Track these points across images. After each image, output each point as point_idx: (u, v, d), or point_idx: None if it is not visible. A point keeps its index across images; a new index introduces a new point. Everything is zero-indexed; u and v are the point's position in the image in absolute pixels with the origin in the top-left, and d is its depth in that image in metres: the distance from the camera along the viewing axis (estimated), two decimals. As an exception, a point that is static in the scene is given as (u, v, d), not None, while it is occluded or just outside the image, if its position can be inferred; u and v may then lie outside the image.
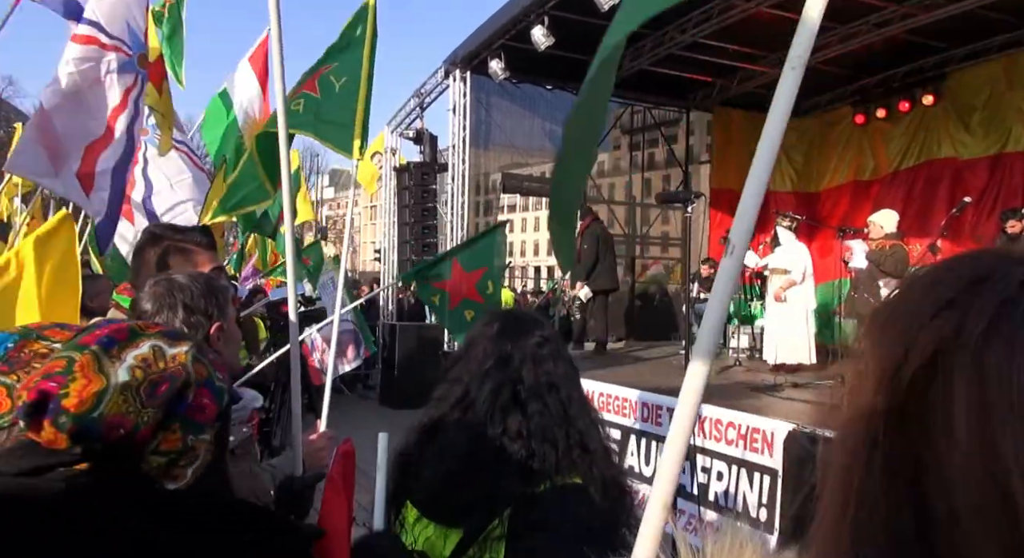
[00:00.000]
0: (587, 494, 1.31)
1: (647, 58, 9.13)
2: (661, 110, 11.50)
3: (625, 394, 5.77)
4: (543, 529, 1.27)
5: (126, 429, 0.72)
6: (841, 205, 10.15)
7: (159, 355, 0.77)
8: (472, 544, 1.30)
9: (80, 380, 0.71)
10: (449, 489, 1.34)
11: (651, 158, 12.07)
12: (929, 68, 9.02)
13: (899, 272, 6.05)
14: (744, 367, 7.68)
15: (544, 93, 10.45)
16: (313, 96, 3.77)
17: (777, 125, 1.00)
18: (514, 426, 1.36)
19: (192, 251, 1.92)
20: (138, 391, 0.73)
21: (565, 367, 1.43)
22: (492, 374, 1.39)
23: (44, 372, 0.72)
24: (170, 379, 0.76)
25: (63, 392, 0.70)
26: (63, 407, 0.70)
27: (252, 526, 0.80)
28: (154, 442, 0.74)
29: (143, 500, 0.74)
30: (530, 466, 1.32)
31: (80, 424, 0.69)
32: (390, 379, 10.29)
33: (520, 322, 1.49)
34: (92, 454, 0.71)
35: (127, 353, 0.75)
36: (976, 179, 8.56)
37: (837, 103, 10.33)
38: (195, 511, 0.77)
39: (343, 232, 5.90)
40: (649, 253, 11.97)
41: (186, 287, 1.52)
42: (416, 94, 11.23)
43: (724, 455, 4.81)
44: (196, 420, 0.78)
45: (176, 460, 0.76)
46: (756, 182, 1.01)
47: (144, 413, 0.73)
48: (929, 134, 9.21)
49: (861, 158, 10.08)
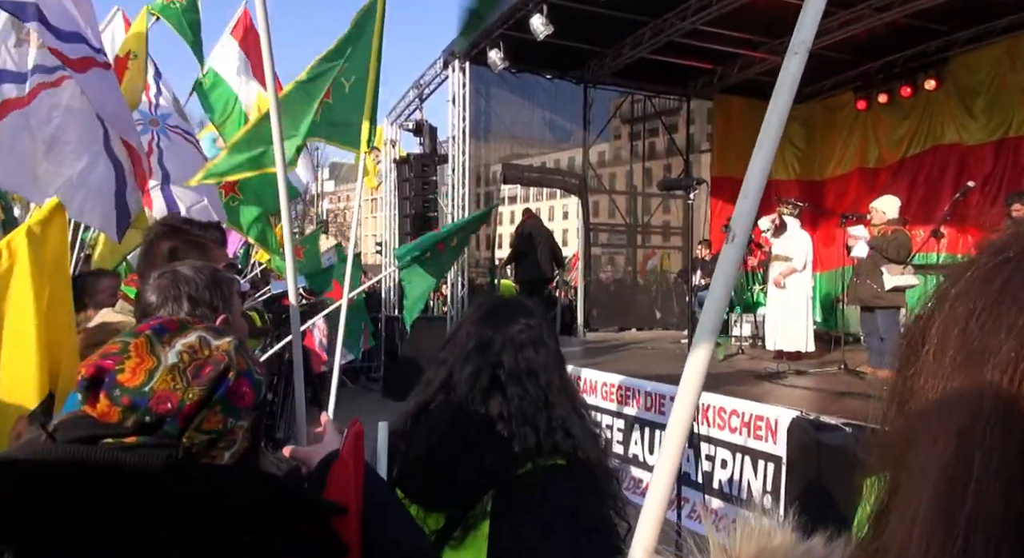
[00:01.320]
0: (571, 475, 1.32)
1: (647, 46, 9.07)
2: (661, 98, 11.44)
3: (628, 383, 5.78)
4: (527, 510, 1.28)
5: (173, 404, 0.80)
6: (847, 193, 10.08)
7: (204, 344, 0.86)
8: (457, 526, 1.31)
9: (134, 359, 0.81)
10: (431, 471, 1.35)
11: (652, 147, 12.02)
12: (931, 52, 8.95)
13: (901, 258, 6.03)
14: (747, 355, 7.68)
15: (543, 82, 10.41)
16: (328, 103, 3.79)
17: (780, 111, 1.00)
18: (495, 409, 1.38)
19: (208, 247, 1.95)
20: (184, 371, 0.82)
21: (547, 354, 1.43)
22: (473, 357, 1.41)
23: (101, 353, 0.82)
24: (214, 363, 0.84)
25: (118, 368, 0.80)
26: (118, 381, 0.79)
27: (281, 500, 0.86)
28: (197, 419, 0.82)
29: (182, 467, 0.80)
30: (512, 447, 1.33)
31: (133, 397, 0.79)
32: (393, 371, 10.32)
33: (506, 308, 1.51)
34: (141, 427, 0.79)
35: (176, 340, 0.84)
36: (981, 164, 8.51)
37: (838, 89, 10.27)
38: (231, 482, 0.83)
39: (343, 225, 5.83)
40: (650, 242, 11.95)
41: (191, 279, 1.50)
42: (415, 85, 11.18)
43: (728, 443, 4.82)
44: (235, 405, 0.85)
45: (216, 441, 0.83)
46: (759, 169, 1.01)
47: (190, 391, 0.81)
48: (933, 119, 9.15)
49: (865, 145, 10.03)
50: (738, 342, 8.18)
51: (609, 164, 12.36)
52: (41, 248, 1.83)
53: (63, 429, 0.80)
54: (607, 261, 12.09)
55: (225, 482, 0.83)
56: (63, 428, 0.80)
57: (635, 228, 11.67)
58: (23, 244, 1.79)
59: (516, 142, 10.54)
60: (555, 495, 1.29)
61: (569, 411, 1.41)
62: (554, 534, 1.24)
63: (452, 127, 9.90)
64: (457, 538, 1.30)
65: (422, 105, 11.32)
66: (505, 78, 9.92)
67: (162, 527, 0.75)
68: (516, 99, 10.28)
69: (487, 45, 8.97)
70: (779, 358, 6.83)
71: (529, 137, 10.61)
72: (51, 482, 0.75)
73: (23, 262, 1.78)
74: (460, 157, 9.83)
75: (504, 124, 10.32)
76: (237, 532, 0.79)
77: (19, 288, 1.77)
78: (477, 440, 1.34)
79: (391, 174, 11.69)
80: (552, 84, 10.48)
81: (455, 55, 9.68)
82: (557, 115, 10.78)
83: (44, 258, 1.83)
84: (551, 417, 1.37)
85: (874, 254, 6.15)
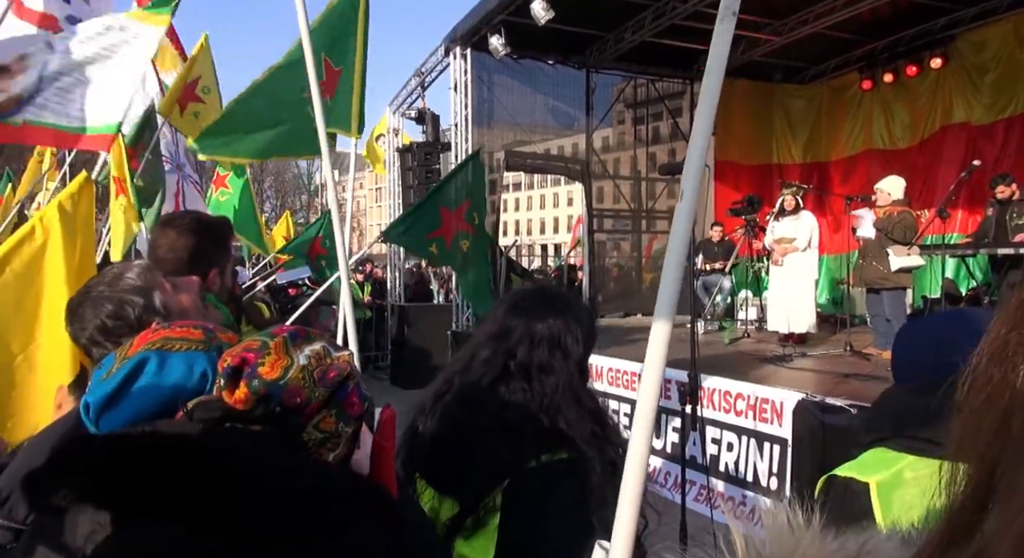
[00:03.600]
0: (577, 471, 1.32)
1: (649, 30, 9.00)
2: (664, 82, 11.36)
3: (632, 368, 5.80)
4: (534, 503, 1.29)
5: (302, 399, 0.90)
6: (854, 175, 9.99)
7: (327, 353, 0.95)
8: (469, 514, 1.32)
9: (273, 356, 0.91)
10: (442, 457, 1.37)
11: (655, 132, 11.96)
12: (937, 30, 8.84)
13: (907, 239, 6.01)
14: (753, 338, 7.69)
15: (545, 68, 10.35)
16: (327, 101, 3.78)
17: (716, 76, 1.06)
18: (506, 399, 1.38)
19: (225, 237, 2.08)
20: (312, 373, 0.91)
21: (562, 355, 1.40)
22: (491, 343, 1.42)
23: (244, 347, 0.92)
24: (337, 369, 0.94)
25: (260, 362, 0.90)
26: (258, 373, 0.89)
27: (371, 498, 0.95)
28: (317, 418, 0.91)
29: (304, 456, 0.91)
30: (520, 440, 1.33)
31: (269, 388, 0.88)
32: (400, 359, 10.37)
33: (539, 302, 1.48)
34: (269, 417, 0.89)
35: (305, 346, 0.94)
36: (989, 143, 8.44)
37: (843, 69, 10.17)
38: (339, 479, 0.93)
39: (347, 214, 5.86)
40: (656, 228, 11.92)
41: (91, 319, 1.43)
42: (417, 73, 11.13)
43: (734, 426, 4.84)
44: (347, 411, 0.94)
45: (326, 440, 0.92)
46: (699, 141, 1.06)
47: (316, 391, 0.91)
48: (940, 99, 9.05)
49: (871, 126, 9.94)
50: (744, 326, 8.18)
51: (613, 149, 12.30)
52: (72, 223, 1.87)
53: (199, 410, 0.90)
54: (612, 247, 12.07)
55: (335, 477, 0.92)
56: (198, 409, 0.90)
57: (640, 213, 11.64)
58: (55, 219, 1.83)
59: (519, 129, 10.50)
60: (562, 489, 1.30)
61: (577, 414, 1.38)
62: (561, 527, 1.25)
63: (454, 115, 9.87)
64: (468, 528, 1.32)
65: (424, 93, 11.28)
66: (507, 64, 9.87)
67: (279, 508, 0.82)
68: (518, 85, 10.23)
69: (488, 31, 8.92)
70: (785, 341, 6.83)
71: (532, 124, 10.57)
72: (200, 459, 0.82)
73: (56, 237, 1.83)
74: (463, 144, 9.81)
75: (506, 111, 10.28)
76: (337, 526, 0.86)
77: (53, 263, 1.82)
78: (487, 432, 1.34)
79: (394, 163, 11.68)
80: (554, 70, 10.41)
81: (456, 42, 9.63)
82: (559, 101, 10.72)
83: (75, 232, 1.87)
84: (553, 417, 1.35)
85: (880, 235, 6.13)
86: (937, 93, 9.09)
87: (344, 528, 0.85)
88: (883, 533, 0.52)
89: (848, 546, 0.50)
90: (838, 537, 0.50)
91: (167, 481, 0.78)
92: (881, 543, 0.51)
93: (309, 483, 0.86)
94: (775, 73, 10.70)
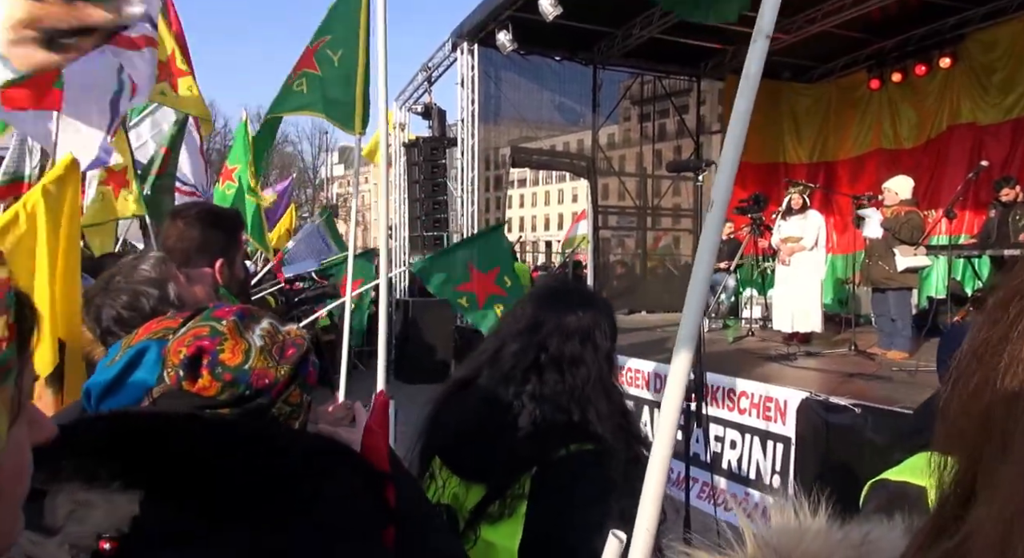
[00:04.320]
0: (604, 462, 1.34)
1: (657, 26, 8.97)
2: (672, 79, 11.33)
3: (638, 365, 5.80)
4: (561, 491, 1.31)
5: (270, 379, 0.92)
6: (861, 175, 9.95)
7: (276, 329, 0.97)
8: (494, 501, 1.34)
9: (231, 341, 0.91)
10: (469, 445, 1.38)
11: (662, 129, 11.93)
12: (947, 30, 8.80)
13: (914, 239, 5.99)
14: (757, 337, 7.68)
15: (552, 64, 10.33)
16: (314, 73, 3.76)
17: (748, 95, 1.06)
18: (532, 390, 1.39)
19: (236, 228, 2.09)
20: (271, 352, 0.93)
21: (592, 349, 1.43)
22: (522, 335, 1.43)
23: (194, 334, 0.91)
24: (296, 345, 0.96)
25: (219, 349, 0.90)
26: (220, 360, 0.89)
27: (345, 459, 0.99)
28: (286, 393, 0.94)
29: (279, 428, 0.94)
30: (548, 430, 1.36)
31: (235, 374, 0.89)
32: (404, 354, 10.39)
33: (567, 295, 1.52)
34: (237, 400, 0.90)
35: (254, 325, 0.95)
36: (997, 143, 8.40)
37: (851, 68, 10.13)
38: (310, 443, 0.96)
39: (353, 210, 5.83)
40: (660, 225, 11.91)
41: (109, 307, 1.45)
42: (424, 68, 11.13)
43: (737, 424, 4.85)
44: (307, 382, 0.97)
45: (293, 412, 0.95)
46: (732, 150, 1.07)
47: (281, 368, 0.93)
48: (949, 99, 9.01)
49: (879, 125, 9.89)
50: (748, 324, 8.18)
51: (619, 146, 12.29)
52: (57, 208, 1.81)
53: (163, 401, 0.90)
54: (616, 244, 12.07)
55: (308, 438, 0.97)
56: (163, 400, 0.90)
57: (645, 210, 11.63)
58: (41, 206, 1.78)
59: (525, 125, 10.50)
60: (590, 479, 1.32)
61: (607, 407, 1.40)
62: (587, 516, 1.27)
63: (461, 110, 9.87)
64: (494, 516, 1.33)
65: (431, 88, 11.28)
66: (514, 60, 9.86)
67: (266, 473, 0.85)
68: (525, 81, 10.22)
69: (496, 27, 8.91)
70: (789, 340, 6.83)
71: (538, 120, 10.57)
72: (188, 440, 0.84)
73: (41, 224, 1.77)
74: (469, 140, 9.81)
75: (513, 107, 10.27)
76: (315, 480, 0.90)
77: (36, 251, 1.76)
78: (515, 422, 1.36)
79: (400, 158, 11.69)
80: (561, 66, 10.39)
81: (463, 37, 9.62)
82: (566, 97, 10.71)
83: (59, 219, 1.81)
84: (584, 409, 1.38)
85: (887, 235, 6.12)
86: (945, 93, 9.05)
87: (317, 501, 0.87)
88: (885, 524, 0.54)
89: (852, 536, 0.51)
90: (843, 528, 0.52)
91: (153, 461, 0.80)
92: (884, 534, 0.52)
93: (284, 461, 0.89)
94: (783, 71, 10.66)
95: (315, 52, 3.74)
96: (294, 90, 3.84)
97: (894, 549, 0.47)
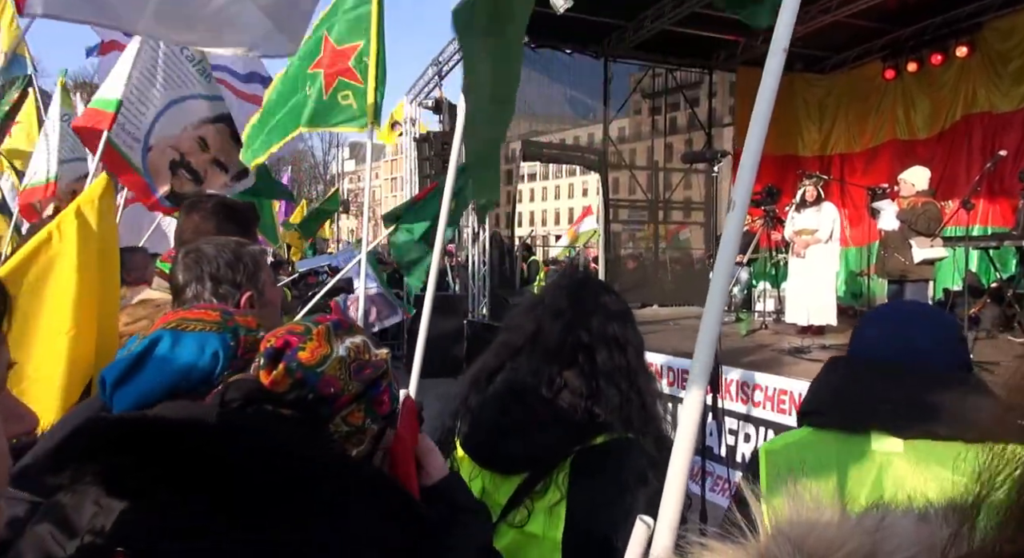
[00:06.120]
0: (642, 448, 1.34)
1: (668, 18, 8.90)
2: (683, 72, 11.25)
3: (651, 359, 5.79)
4: (594, 476, 1.31)
5: (336, 389, 0.91)
6: (876, 166, 9.81)
7: (366, 348, 0.97)
8: (528, 493, 1.33)
9: (314, 342, 0.92)
10: (508, 436, 1.36)
11: (673, 122, 11.86)
12: (964, 18, 8.67)
13: (931, 230, 5.93)
14: (770, 330, 7.64)
15: (563, 58, 10.28)
16: (358, 86, 3.69)
17: (768, 97, 1.06)
18: (574, 379, 1.38)
19: (249, 221, 2.12)
20: (349, 366, 0.93)
21: (633, 328, 1.46)
22: (566, 313, 1.42)
23: (288, 329, 0.94)
24: (373, 366, 0.96)
25: (301, 346, 0.91)
26: (298, 357, 0.90)
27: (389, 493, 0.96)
28: (346, 411, 0.93)
29: (331, 448, 0.93)
30: (585, 420, 1.35)
31: (306, 374, 0.90)
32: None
33: (593, 283, 1.55)
34: (300, 403, 0.90)
35: (346, 337, 0.96)
36: (1013, 132, 8.28)
37: (865, 58, 10.00)
38: (356, 470, 0.95)
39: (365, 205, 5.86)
40: (672, 218, 11.86)
41: (212, 259, 1.49)
42: (434, 62, 11.11)
43: (752, 417, 4.83)
44: (375, 409, 0.96)
45: (352, 434, 0.94)
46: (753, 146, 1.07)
47: (350, 384, 0.93)
48: (966, 88, 8.88)
49: (894, 116, 9.77)
50: (761, 317, 8.13)
51: (630, 140, 12.23)
52: (89, 229, 1.79)
53: (232, 388, 0.92)
54: (628, 237, 12.03)
55: (355, 477, 0.92)
56: (232, 387, 0.92)
57: (656, 204, 11.57)
58: (72, 226, 1.76)
59: (536, 118, 10.47)
60: (628, 465, 1.31)
61: (639, 396, 1.41)
62: (625, 501, 1.26)
63: (471, 104, 9.84)
64: (531, 507, 1.32)
65: (441, 82, 11.26)
66: (524, 53, 9.82)
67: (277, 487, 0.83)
68: (535, 75, 10.18)
69: (506, 20, 8.86)
70: (803, 333, 6.78)
71: (549, 113, 10.54)
72: (201, 441, 0.83)
73: (70, 245, 1.74)
74: (480, 134, 9.78)
75: (523, 100, 10.23)
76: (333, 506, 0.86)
77: (64, 273, 1.73)
78: (553, 407, 1.36)
79: (411, 152, 11.69)
80: (572, 59, 10.35)
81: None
82: (577, 91, 10.66)
83: (92, 238, 1.80)
84: (633, 385, 1.39)
85: (904, 227, 6.05)
86: (960, 82, 8.92)
87: (341, 508, 0.86)
88: (900, 509, 0.54)
89: (866, 522, 0.51)
90: (857, 515, 0.52)
91: (167, 463, 0.79)
92: (898, 519, 0.52)
93: (310, 467, 0.87)
94: (796, 62, 10.55)
95: (351, 59, 3.65)
96: (341, 104, 3.68)
97: (908, 534, 0.47)
